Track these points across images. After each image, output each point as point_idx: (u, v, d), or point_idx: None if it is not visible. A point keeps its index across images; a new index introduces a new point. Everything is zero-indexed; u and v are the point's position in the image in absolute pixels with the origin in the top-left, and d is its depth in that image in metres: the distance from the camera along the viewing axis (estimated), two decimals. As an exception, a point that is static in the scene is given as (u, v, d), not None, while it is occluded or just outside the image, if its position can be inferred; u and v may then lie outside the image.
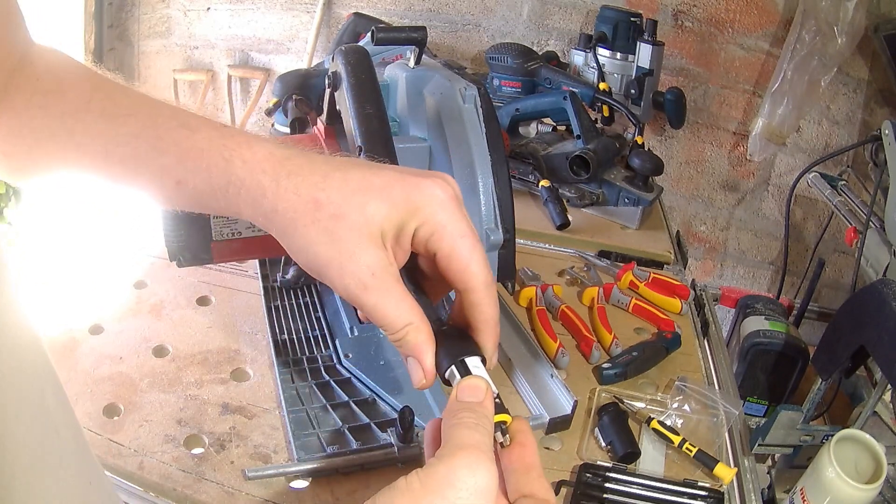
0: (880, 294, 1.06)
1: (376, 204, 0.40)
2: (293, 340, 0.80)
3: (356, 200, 0.40)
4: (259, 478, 0.62)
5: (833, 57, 1.69)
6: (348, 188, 0.41)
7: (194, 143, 0.42)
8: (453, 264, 0.41)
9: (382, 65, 0.76)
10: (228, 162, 0.42)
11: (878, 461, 0.88)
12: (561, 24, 1.94)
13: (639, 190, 1.19)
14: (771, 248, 2.05)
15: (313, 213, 0.40)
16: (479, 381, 0.39)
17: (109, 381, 0.72)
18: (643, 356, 0.84)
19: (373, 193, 0.41)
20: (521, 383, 0.78)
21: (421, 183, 0.42)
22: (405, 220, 0.41)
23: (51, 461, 0.39)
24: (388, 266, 0.40)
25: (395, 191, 0.41)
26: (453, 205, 0.42)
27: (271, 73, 2.24)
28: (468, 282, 0.41)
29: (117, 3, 2.24)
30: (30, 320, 0.38)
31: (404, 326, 0.40)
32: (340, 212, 0.40)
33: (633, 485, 0.67)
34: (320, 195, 0.40)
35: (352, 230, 0.40)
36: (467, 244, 0.41)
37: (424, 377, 0.41)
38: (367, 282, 0.39)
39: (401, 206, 0.41)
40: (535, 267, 1.01)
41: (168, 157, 0.43)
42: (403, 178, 0.42)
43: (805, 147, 1.90)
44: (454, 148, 0.67)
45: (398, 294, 0.40)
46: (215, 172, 0.42)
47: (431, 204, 0.41)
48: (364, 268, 0.39)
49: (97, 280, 0.90)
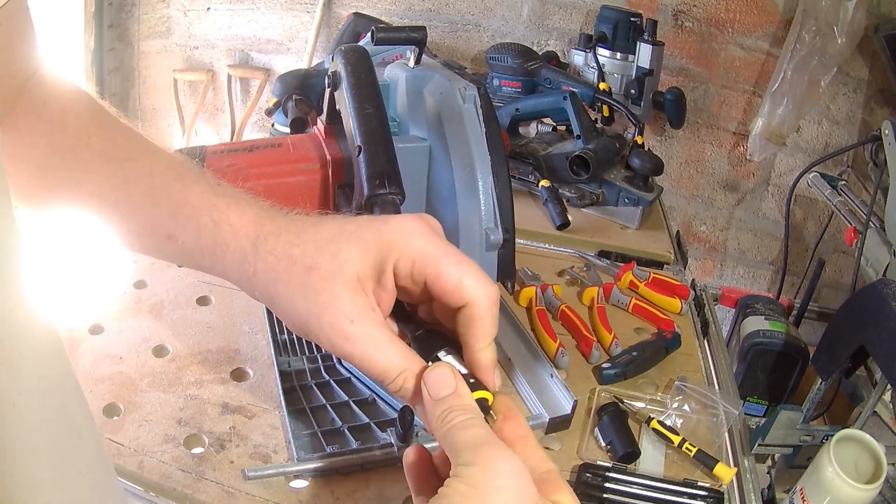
0: (880, 294, 1.06)
1: (347, 249, 0.39)
2: (293, 340, 0.80)
3: (328, 250, 0.39)
4: (259, 477, 0.62)
5: (833, 57, 1.69)
6: (320, 239, 0.40)
7: (187, 198, 0.42)
8: (444, 284, 0.39)
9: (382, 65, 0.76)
10: (217, 225, 0.42)
11: (878, 461, 0.88)
12: (561, 24, 1.94)
13: (639, 190, 1.19)
14: (771, 248, 2.05)
15: (289, 269, 0.39)
16: (443, 368, 0.38)
17: (109, 381, 0.72)
18: (643, 356, 0.84)
19: (343, 239, 0.40)
20: (521, 383, 0.78)
21: (391, 220, 0.41)
22: (382, 259, 0.39)
23: (74, 466, 0.39)
24: (368, 311, 0.39)
25: (365, 232, 0.40)
26: (426, 231, 0.40)
27: (271, 73, 2.24)
28: (465, 296, 0.39)
29: (117, 3, 2.24)
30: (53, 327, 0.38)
31: (399, 374, 0.38)
32: (313, 263, 0.39)
33: (633, 485, 0.67)
34: (294, 251, 0.40)
35: (325, 280, 0.38)
36: (453, 261, 0.39)
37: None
38: (347, 331, 0.38)
39: (372, 245, 0.39)
40: (534, 267, 1.01)
41: (160, 209, 0.43)
42: (373, 219, 0.41)
43: (805, 147, 1.90)
44: (454, 148, 0.67)
45: (384, 340, 0.38)
46: (204, 233, 0.42)
47: (404, 235, 0.40)
48: (342, 317, 0.38)
49: (97, 280, 0.90)
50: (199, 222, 0.42)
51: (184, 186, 0.43)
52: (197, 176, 0.44)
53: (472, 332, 0.39)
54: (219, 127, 2.40)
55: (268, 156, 0.69)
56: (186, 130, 2.37)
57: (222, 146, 0.70)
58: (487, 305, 0.39)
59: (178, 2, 2.21)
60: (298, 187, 0.69)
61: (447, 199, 0.68)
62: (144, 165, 0.44)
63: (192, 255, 0.43)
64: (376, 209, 0.55)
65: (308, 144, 0.71)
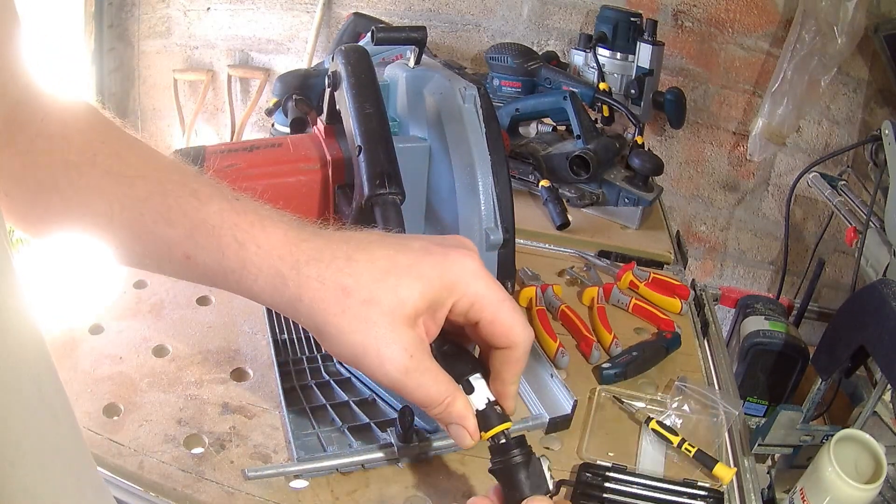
0: (880, 294, 1.06)
1: (408, 283, 0.40)
2: (293, 340, 0.80)
3: (387, 283, 0.39)
4: (259, 477, 0.62)
5: (833, 57, 1.69)
6: (377, 269, 0.40)
7: (205, 217, 0.41)
8: (497, 329, 0.42)
9: (382, 65, 0.76)
10: (242, 246, 0.40)
11: (878, 461, 0.88)
12: (561, 24, 1.94)
13: (639, 190, 1.19)
14: (771, 248, 2.05)
15: (343, 300, 0.39)
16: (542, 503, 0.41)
17: (109, 381, 0.72)
18: (643, 356, 0.84)
19: (402, 273, 0.40)
20: (521, 383, 0.77)
21: (449, 256, 0.41)
22: (442, 298, 0.41)
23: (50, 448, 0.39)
24: (421, 344, 0.40)
25: (426, 268, 0.40)
26: (483, 272, 0.42)
27: (271, 73, 2.24)
28: (513, 342, 0.43)
29: (117, 3, 2.24)
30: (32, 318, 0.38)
31: (444, 400, 0.41)
32: (372, 297, 0.39)
33: (633, 484, 0.67)
34: (347, 281, 0.39)
35: (385, 315, 0.39)
36: (508, 308, 0.42)
37: (471, 438, 0.43)
38: (407, 365, 0.39)
39: (435, 283, 0.40)
40: (534, 267, 1.01)
41: (177, 230, 0.41)
42: (429, 253, 0.41)
43: (805, 147, 1.90)
44: (454, 148, 0.67)
45: (435, 371, 0.41)
46: (227, 254, 0.40)
47: (465, 277, 0.41)
48: (402, 351, 0.39)
49: (97, 280, 0.90)
50: (221, 242, 0.40)
51: (200, 204, 0.41)
52: (213, 190, 0.42)
53: (508, 368, 0.44)
54: (219, 127, 2.40)
55: (268, 156, 0.69)
56: (186, 130, 2.37)
57: (222, 146, 0.70)
58: (527, 349, 0.44)
59: (178, 2, 2.21)
60: (298, 187, 0.69)
61: (447, 199, 0.68)
62: (156, 182, 0.41)
63: (215, 276, 0.41)
64: (376, 209, 0.55)
65: (308, 144, 0.71)
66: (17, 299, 0.35)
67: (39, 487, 0.37)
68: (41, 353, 0.39)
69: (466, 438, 0.43)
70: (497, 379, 0.44)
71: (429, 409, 0.41)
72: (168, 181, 0.42)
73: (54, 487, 0.38)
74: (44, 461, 0.38)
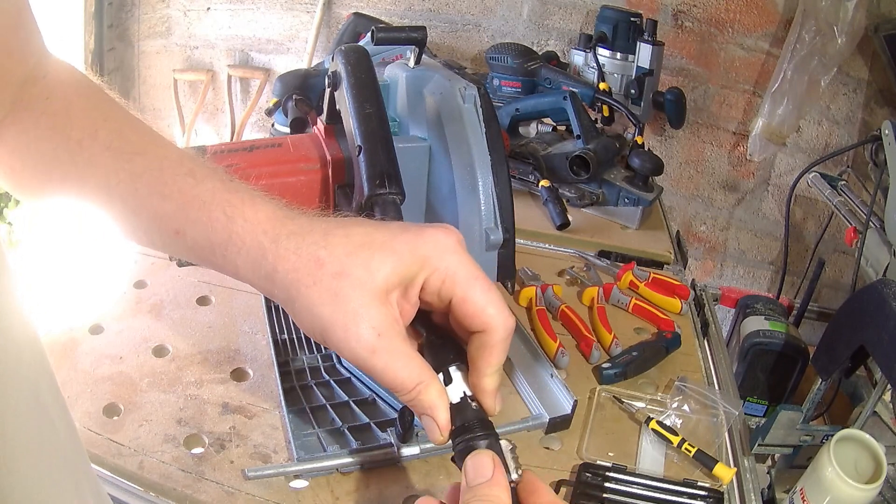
0: (880, 294, 1.06)
1: (381, 258, 0.39)
2: (293, 340, 0.80)
3: (360, 256, 0.39)
4: (259, 477, 0.62)
5: (833, 57, 1.69)
6: (351, 244, 0.39)
7: (198, 193, 0.41)
8: (469, 307, 0.40)
9: (382, 65, 0.76)
10: (230, 219, 0.40)
11: (878, 461, 0.88)
12: (561, 24, 1.94)
13: (639, 190, 1.19)
14: (771, 248, 2.05)
15: (315, 272, 0.38)
16: (484, 457, 0.37)
17: (109, 381, 0.72)
18: (643, 356, 0.84)
19: (376, 248, 0.39)
20: (521, 383, 0.78)
21: (424, 232, 0.40)
22: (414, 273, 0.39)
23: (48, 453, 0.39)
24: (393, 324, 0.39)
25: (399, 243, 0.40)
26: (459, 249, 0.41)
27: (271, 73, 2.24)
28: (487, 324, 0.40)
29: (117, 3, 2.24)
30: (28, 318, 0.38)
31: (415, 386, 0.39)
32: (343, 269, 0.38)
33: (633, 484, 0.67)
34: (321, 253, 0.39)
35: (355, 288, 0.38)
36: (481, 286, 0.40)
37: (441, 433, 0.40)
38: (374, 344, 0.38)
39: (407, 258, 0.39)
40: (534, 267, 1.01)
41: (169, 204, 0.41)
42: (406, 230, 0.41)
43: (805, 147, 1.90)
44: (454, 148, 0.67)
45: (406, 353, 0.39)
46: (216, 227, 0.41)
47: (438, 251, 0.40)
48: (370, 328, 0.38)
49: (97, 280, 0.90)
50: (211, 217, 0.41)
51: (195, 181, 0.41)
52: (208, 171, 0.43)
53: (483, 356, 0.40)
54: (219, 127, 2.40)
55: (268, 156, 0.69)
56: (186, 130, 2.37)
57: (223, 146, 0.70)
58: (503, 335, 0.40)
59: (178, 2, 2.21)
60: (298, 187, 0.69)
61: (447, 199, 0.68)
62: (153, 160, 0.42)
63: (202, 251, 0.42)
64: (376, 209, 0.55)
65: (308, 144, 0.71)
66: (13, 302, 0.35)
67: (36, 492, 0.37)
68: (38, 357, 0.39)
69: (436, 432, 0.40)
70: (473, 369, 0.41)
71: (399, 395, 0.40)
72: (166, 159, 0.43)
73: (51, 491, 0.38)
74: (40, 465, 0.37)
